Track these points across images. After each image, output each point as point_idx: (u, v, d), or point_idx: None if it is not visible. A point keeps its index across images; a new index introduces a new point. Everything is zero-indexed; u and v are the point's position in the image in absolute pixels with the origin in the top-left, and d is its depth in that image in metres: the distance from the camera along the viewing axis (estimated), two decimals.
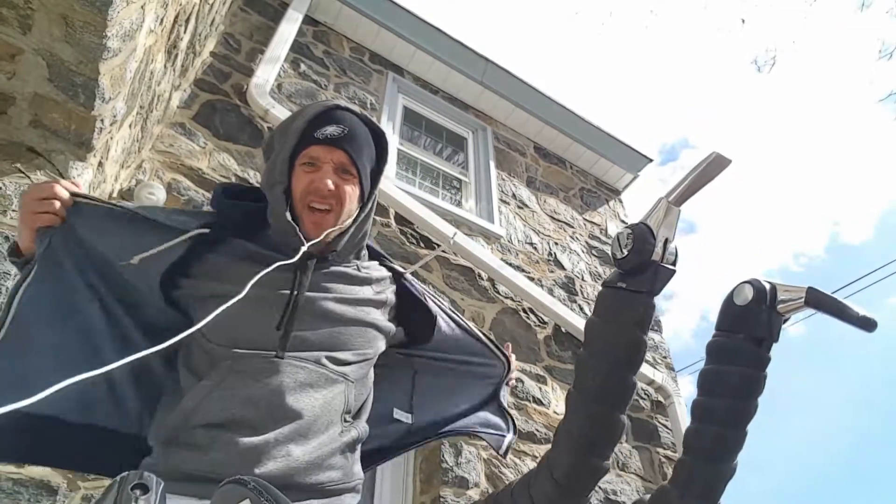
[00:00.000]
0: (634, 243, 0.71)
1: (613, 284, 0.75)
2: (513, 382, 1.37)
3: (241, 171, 2.81)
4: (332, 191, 0.96)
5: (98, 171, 1.85)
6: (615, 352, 0.73)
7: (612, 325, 0.74)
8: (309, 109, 1.00)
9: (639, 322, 0.72)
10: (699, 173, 0.70)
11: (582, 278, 3.94)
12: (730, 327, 0.70)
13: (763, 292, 0.67)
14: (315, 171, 0.97)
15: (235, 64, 3.25)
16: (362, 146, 1.01)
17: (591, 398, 0.73)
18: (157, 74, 2.11)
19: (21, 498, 1.60)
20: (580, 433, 0.73)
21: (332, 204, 0.97)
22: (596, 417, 0.73)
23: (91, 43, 1.43)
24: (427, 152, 4.16)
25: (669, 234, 0.71)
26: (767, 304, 0.67)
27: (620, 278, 0.74)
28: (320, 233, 0.96)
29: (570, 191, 4.66)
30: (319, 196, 0.96)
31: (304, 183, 0.97)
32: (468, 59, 4.45)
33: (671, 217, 0.71)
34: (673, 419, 3.41)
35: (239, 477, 0.63)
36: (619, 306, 0.74)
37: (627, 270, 0.73)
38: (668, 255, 0.71)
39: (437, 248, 3.15)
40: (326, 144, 0.97)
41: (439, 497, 2.33)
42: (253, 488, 0.60)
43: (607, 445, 0.73)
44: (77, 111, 1.58)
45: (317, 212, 0.97)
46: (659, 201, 0.72)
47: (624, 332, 0.72)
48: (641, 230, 0.71)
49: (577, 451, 0.73)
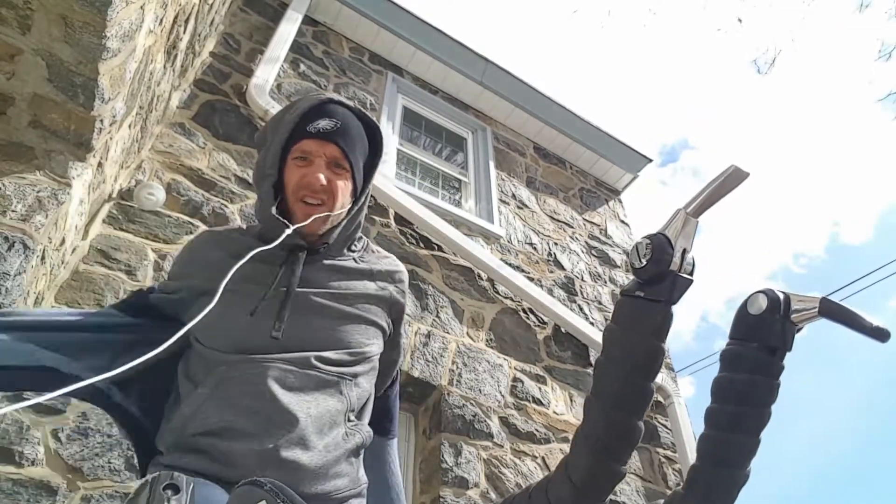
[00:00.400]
0: (653, 253, 0.72)
1: (632, 293, 0.76)
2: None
3: (241, 171, 2.81)
4: (324, 185, 0.95)
5: (97, 171, 1.85)
6: (633, 359, 0.74)
7: (630, 332, 0.75)
8: (302, 103, 0.99)
9: (656, 330, 0.73)
10: (717, 186, 0.71)
11: (581, 278, 3.94)
12: (744, 336, 0.71)
13: (777, 302, 0.68)
14: (307, 165, 0.97)
15: (235, 64, 3.25)
16: (355, 140, 1.00)
17: (610, 404, 0.74)
18: (157, 75, 2.11)
19: (20, 498, 1.60)
20: (598, 438, 0.74)
21: (324, 199, 0.96)
22: (614, 423, 0.74)
23: (90, 43, 1.43)
24: (427, 152, 4.16)
25: (687, 245, 0.73)
26: (781, 314, 0.68)
27: (639, 287, 0.75)
28: (311, 225, 0.95)
29: (570, 191, 4.66)
30: (311, 190, 0.95)
31: (297, 177, 0.96)
32: (468, 59, 4.45)
33: (689, 228, 0.72)
34: (673, 419, 3.41)
35: (255, 479, 0.63)
36: (638, 315, 0.75)
37: (646, 280, 0.74)
38: (685, 265, 0.72)
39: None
40: (319, 138, 0.96)
41: (439, 497, 2.33)
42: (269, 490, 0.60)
43: (625, 450, 0.75)
44: (76, 111, 1.58)
45: (309, 206, 0.96)
46: (677, 212, 0.73)
47: (642, 340, 0.74)
48: (660, 240, 0.72)
49: (596, 456, 0.74)
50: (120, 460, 1.79)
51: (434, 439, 2.56)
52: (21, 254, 1.44)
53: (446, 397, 2.67)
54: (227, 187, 2.70)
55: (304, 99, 1.00)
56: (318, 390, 0.89)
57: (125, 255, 2.18)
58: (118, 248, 2.18)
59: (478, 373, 2.87)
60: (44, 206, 1.53)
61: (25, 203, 1.50)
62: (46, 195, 1.55)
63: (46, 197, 1.55)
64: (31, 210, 1.50)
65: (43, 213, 1.52)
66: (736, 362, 0.71)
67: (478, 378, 2.85)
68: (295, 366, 0.88)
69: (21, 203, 1.50)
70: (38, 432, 1.71)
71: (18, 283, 1.43)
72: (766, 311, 0.68)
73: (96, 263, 2.10)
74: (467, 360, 2.89)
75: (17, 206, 1.48)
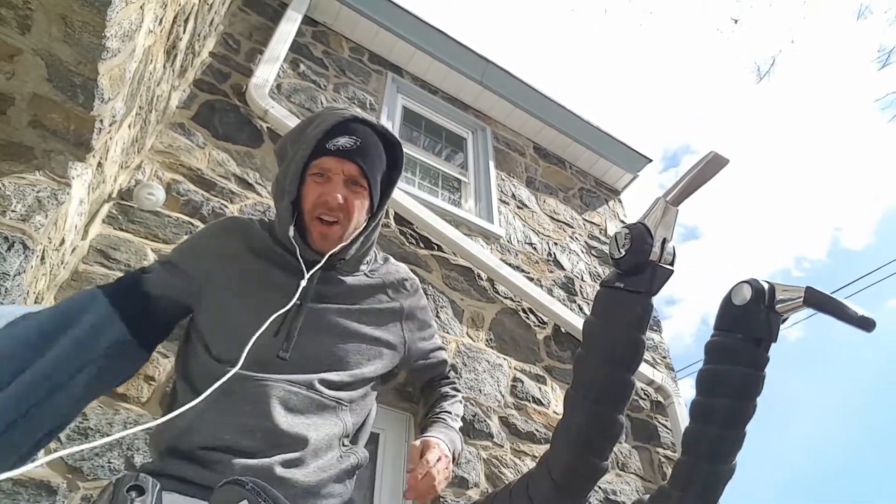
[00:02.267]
0: (632, 243, 0.70)
1: (611, 284, 0.74)
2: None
3: (241, 171, 2.81)
4: (340, 204, 0.96)
5: (97, 171, 1.85)
6: (613, 351, 0.72)
7: (610, 324, 0.73)
8: (323, 119, 0.99)
9: (637, 322, 0.71)
10: (697, 173, 0.69)
11: (581, 278, 3.94)
12: (728, 327, 0.69)
13: (761, 292, 0.67)
14: (325, 182, 0.97)
15: (234, 64, 3.25)
16: (374, 159, 1.00)
17: (590, 398, 0.72)
18: (157, 75, 2.11)
19: (20, 498, 1.59)
20: (578, 432, 0.72)
21: (340, 217, 0.97)
22: (594, 417, 0.72)
23: (90, 43, 1.43)
24: (426, 152, 4.15)
25: (667, 234, 0.71)
26: (766, 304, 0.66)
27: (618, 278, 0.73)
28: (327, 243, 0.97)
29: (570, 191, 4.66)
30: (328, 209, 0.96)
31: (314, 195, 0.97)
32: (467, 60, 4.45)
33: (669, 217, 0.70)
34: (673, 419, 3.41)
35: (236, 478, 0.63)
36: (617, 306, 0.73)
37: (625, 270, 0.72)
38: (665, 255, 0.70)
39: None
40: (338, 156, 0.97)
41: (439, 497, 2.33)
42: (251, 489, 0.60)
43: (606, 445, 0.73)
44: (76, 111, 1.58)
45: (325, 224, 0.97)
46: (657, 201, 0.71)
47: (622, 332, 0.72)
48: (639, 230, 0.71)
49: (576, 451, 0.72)
50: (120, 460, 1.78)
51: None
52: (21, 254, 1.44)
53: None
54: (227, 187, 2.69)
55: (326, 114, 1.00)
56: (318, 413, 0.89)
57: (125, 255, 2.18)
58: (118, 248, 2.18)
59: (477, 373, 2.87)
60: (43, 207, 1.53)
61: (25, 203, 1.50)
62: (46, 195, 1.55)
63: (46, 197, 1.55)
64: (31, 210, 1.50)
65: (43, 213, 1.52)
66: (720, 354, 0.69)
67: (478, 378, 2.85)
68: (297, 387, 0.88)
69: (21, 203, 1.49)
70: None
71: (18, 284, 1.43)
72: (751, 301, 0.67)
73: (96, 263, 2.10)
74: (467, 359, 2.89)
75: (16, 206, 1.48)
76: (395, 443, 2.59)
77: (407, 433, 2.73)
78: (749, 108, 42.97)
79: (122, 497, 0.60)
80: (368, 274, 1.06)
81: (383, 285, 1.05)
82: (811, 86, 23.59)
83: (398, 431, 2.64)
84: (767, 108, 39.33)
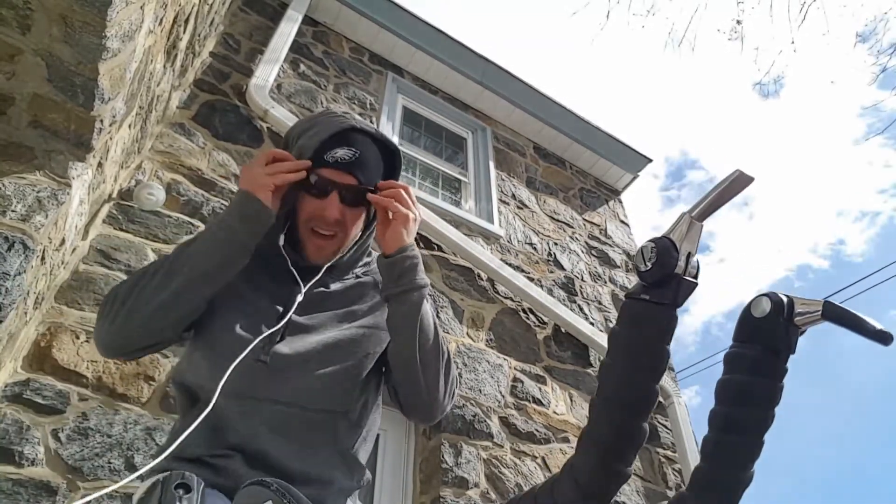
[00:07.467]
0: (658, 256, 0.73)
1: (637, 296, 0.76)
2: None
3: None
4: (337, 220, 0.95)
5: (97, 171, 1.85)
6: (638, 361, 0.75)
7: (635, 335, 0.76)
8: (322, 127, 0.96)
9: (661, 333, 0.74)
10: (722, 190, 0.72)
11: (581, 278, 3.94)
12: (747, 338, 0.71)
13: (780, 305, 0.68)
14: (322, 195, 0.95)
15: (235, 64, 3.25)
16: (372, 170, 0.98)
17: (615, 407, 0.75)
18: (157, 75, 2.11)
19: (20, 498, 1.59)
20: (604, 440, 0.75)
21: (337, 231, 0.96)
22: (619, 425, 0.74)
23: (90, 43, 1.43)
24: (427, 153, 4.16)
25: (692, 248, 0.73)
26: (784, 317, 0.68)
27: (644, 290, 0.76)
28: (321, 256, 0.97)
29: (570, 191, 4.66)
30: (325, 223, 0.95)
31: (310, 207, 0.95)
32: (468, 60, 4.45)
33: (693, 232, 0.73)
34: (673, 419, 3.41)
35: (261, 479, 0.63)
36: (643, 317, 0.75)
37: (651, 283, 0.75)
38: (690, 268, 0.73)
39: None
40: (336, 168, 0.94)
41: (439, 497, 2.33)
42: (276, 490, 0.61)
43: (630, 451, 0.75)
44: (76, 111, 1.58)
45: (320, 237, 0.96)
46: (682, 216, 0.74)
47: (647, 343, 0.74)
48: (665, 244, 0.73)
49: (601, 457, 0.75)
50: (120, 460, 1.78)
51: (434, 439, 2.56)
52: (21, 254, 1.44)
53: None
54: (227, 187, 2.70)
55: (325, 122, 0.97)
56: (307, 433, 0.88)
57: (125, 256, 2.18)
58: (118, 249, 2.18)
59: (478, 373, 2.87)
60: (44, 207, 1.53)
61: (25, 203, 1.50)
62: (46, 195, 1.55)
63: (46, 197, 1.55)
64: (31, 210, 1.50)
65: (43, 213, 1.52)
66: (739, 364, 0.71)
67: (478, 378, 2.85)
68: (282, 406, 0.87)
69: (21, 203, 1.49)
70: (38, 432, 1.71)
71: (18, 284, 1.43)
72: (770, 313, 0.69)
73: (96, 264, 2.10)
74: (467, 360, 2.89)
75: (17, 206, 1.48)
76: (395, 443, 2.59)
77: (407, 433, 2.73)
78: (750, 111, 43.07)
79: (170, 495, 0.63)
80: (360, 274, 1.05)
81: (375, 283, 1.04)
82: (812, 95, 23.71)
83: (398, 431, 2.64)
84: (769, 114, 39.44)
